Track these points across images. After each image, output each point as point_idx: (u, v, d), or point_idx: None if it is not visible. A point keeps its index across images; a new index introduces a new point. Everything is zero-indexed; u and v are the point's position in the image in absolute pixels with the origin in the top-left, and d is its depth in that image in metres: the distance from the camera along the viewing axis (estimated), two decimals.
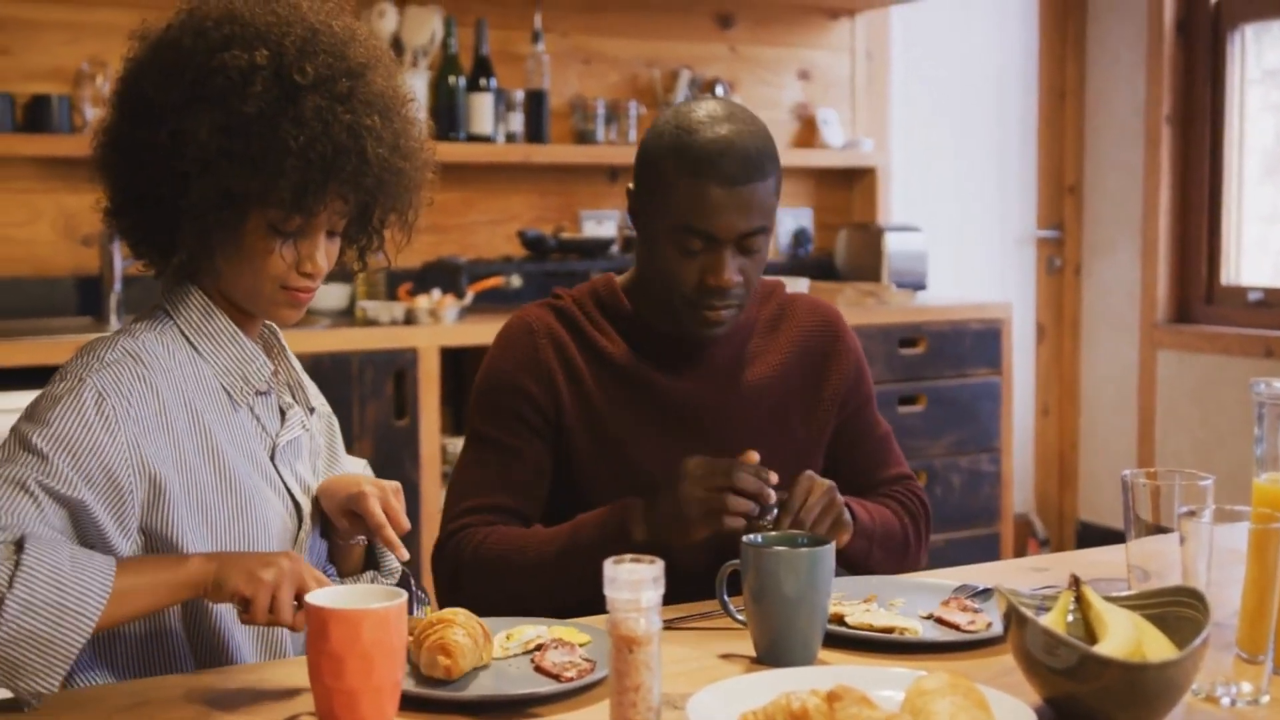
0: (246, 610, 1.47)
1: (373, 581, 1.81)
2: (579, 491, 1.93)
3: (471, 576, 1.87)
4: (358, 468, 1.95)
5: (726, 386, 1.98)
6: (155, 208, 1.59)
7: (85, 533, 1.49)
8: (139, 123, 1.58)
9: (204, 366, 1.63)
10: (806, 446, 2.02)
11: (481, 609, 1.58)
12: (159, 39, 1.61)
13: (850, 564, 1.93)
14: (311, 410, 1.81)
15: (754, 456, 1.77)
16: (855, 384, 2.07)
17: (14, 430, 1.50)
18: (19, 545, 1.39)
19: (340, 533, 1.76)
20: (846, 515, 1.82)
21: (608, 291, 2.01)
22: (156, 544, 1.56)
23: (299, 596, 1.45)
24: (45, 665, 1.38)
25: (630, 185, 1.95)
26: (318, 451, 1.84)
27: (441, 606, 1.85)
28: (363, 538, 1.78)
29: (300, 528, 1.71)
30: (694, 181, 1.83)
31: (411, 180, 1.69)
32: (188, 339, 1.64)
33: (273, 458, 1.70)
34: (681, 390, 1.96)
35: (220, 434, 1.61)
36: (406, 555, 1.68)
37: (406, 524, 1.68)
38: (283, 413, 1.74)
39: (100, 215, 1.67)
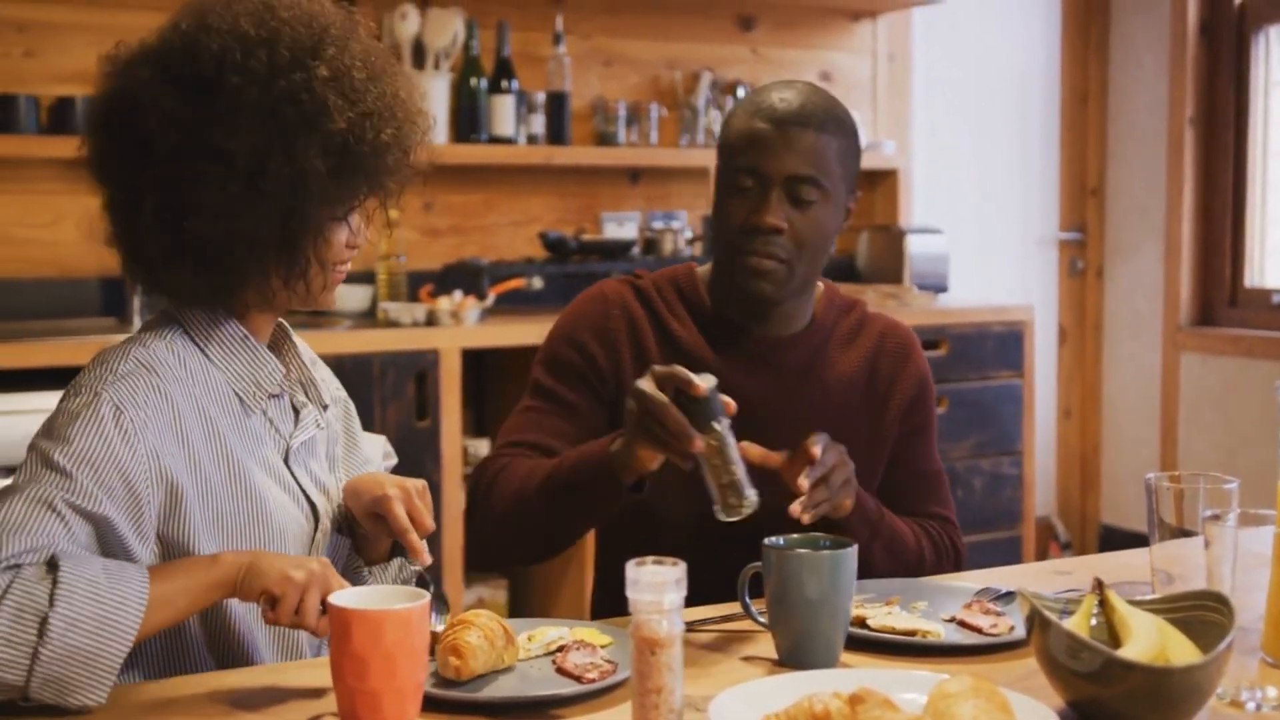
0: (273, 609, 1.48)
1: (400, 570, 1.81)
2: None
3: (485, 501, 1.90)
4: (377, 447, 1.95)
5: (794, 389, 1.99)
6: (231, 256, 1.57)
7: (109, 546, 1.49)
8: (201, 175, 1.53)
9: (215, 373, 1.63)
10: (868, 459, 2.00)
11: (496, 538, 1.59)
12: (178, 77, 1.55)
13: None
14: (325, 407, 1.80)
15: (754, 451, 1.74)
16: (915, 404, 2.05)
17: (34, 448, 1.50)
18: (52, 564, 1.40)
19: (366, 534, 1.76)
20: (854, 481, 1.83)
21: (688, 281, 2.04)
22: (172, 551, 1.56)
23: (324, 602, 1.46)
24: (92, 679, 1.39)
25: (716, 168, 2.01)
26: (335, 438, 1.84)
27: (468, 535, 1.86)
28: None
29: (316, 528, 1.72)
30: (749, 119, 1.93)
31: (419, 125, 1.69)
32: (198, 346, 1.63)
33: (287, 460, 1.70)
34: (747, 386, 1.94)
35: (233, 440, 1.61)
36: (429, 560, 1.68)
37: (430, 525, 1.69)
38: (296, 412, 1.73)
39: (134, 275, 1.63)
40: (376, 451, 1.96)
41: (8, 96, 3.54)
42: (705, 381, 1.62)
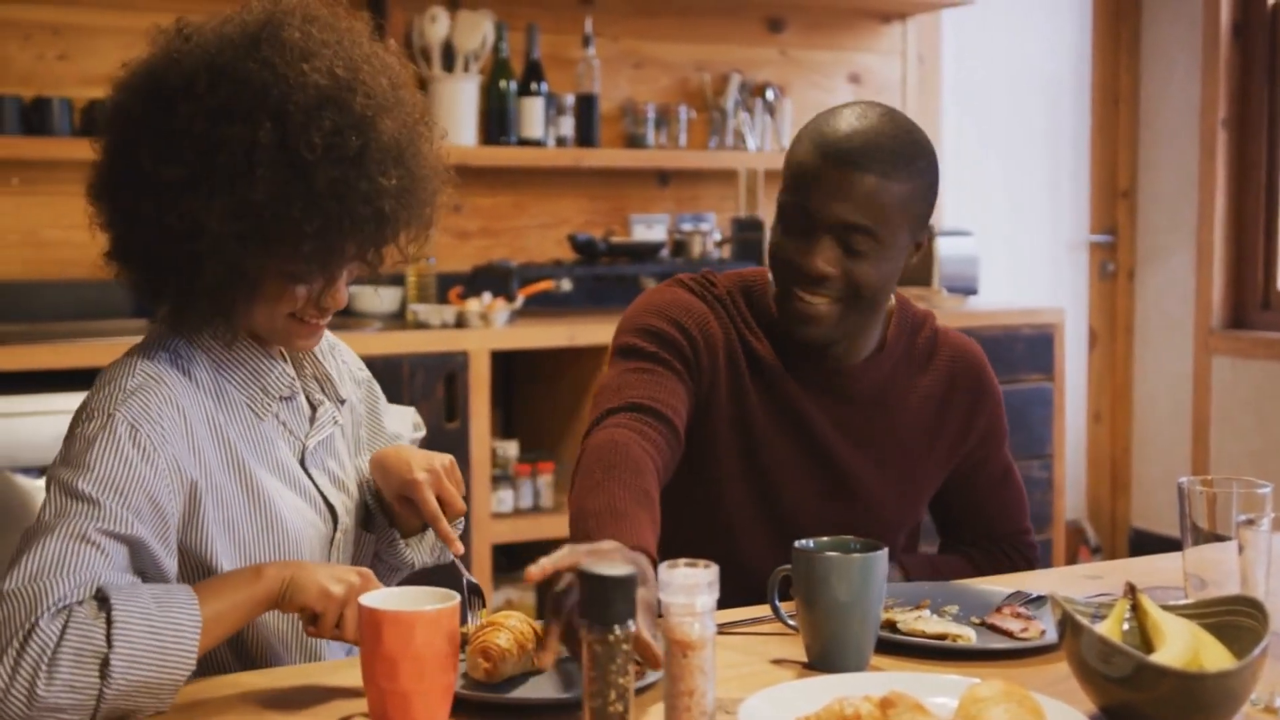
0: (313, 624, 1.48)
1: (435, 544, 1.81)
2: (707, 480, 1.88)
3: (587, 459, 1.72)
4: (406, 420, 1.92)
5: (863, 418, 1.93)
6: (162, 272, 1.55)
7: (143, 565, 1.47)
8: (139, 194, 1.51)
9: (222, 381, 1.61)
10: (923, 485, 1.99)
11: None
12: (147, 92, 1.52)
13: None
14: (342, 401, 1.79)
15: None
16: (990, 431, 2.01)
17: (55, 480, 1.47)
18: (102, 600, 1.38)
19: (398, 517, 1.76)
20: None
21: (760, 291, 1.93)
22: (189, 561, 1.55)
23: None
24: (157, 702, 1.39)
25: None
26: (359, 421, 1.84)
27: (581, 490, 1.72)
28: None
29: (335, 529, 1.71)
30: (811, 148, 1.78)
31: (427, 214, 1.65)
32: (202, 353, 1.61)
33: (303, 461, 1.69)
34: (816, 412, 1.90)
35: (244, 448, 1.60)
36: (460, 549, 1.68)
37: (461, 506, 1.68)
38: (313, 409, 1.72)
39: (103, 258, 1.63)
40: (406, 425, 1.94)
41: (42, 99, 3.57)
42: (615, 570, 1.20)
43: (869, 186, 1.75)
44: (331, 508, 1.71)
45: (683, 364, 1.85)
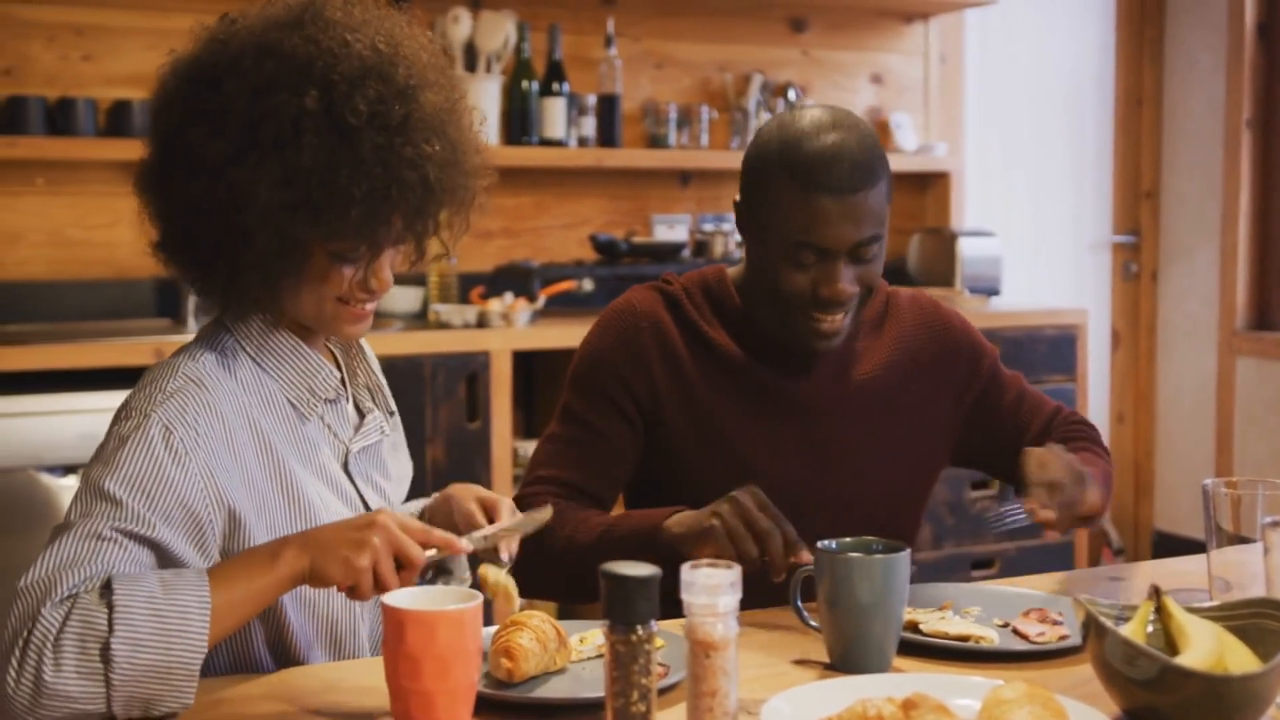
0: (352, 594, 1.46)
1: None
2: (681, 482, 1.94)
3: (529, 548, 1.81)
4: (405, 479, 1.90)
5: (834, 385, 1.97)
6: (213, 254, 1.56)
7: (170, 566, 1.46)
8: (190, 175, 1.53)
9: (269, 382, 1.61)
10: (920, 444, 2.01)
11: (532, 579, 1.57)
12: (194, 76, 1.56)
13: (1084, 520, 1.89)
14: (392, 413, 1.79)
15: (806, 558, 1.66)
16: (972, 368, 2.05)
17: (86, 477, 1.48)
18: (107, 587, 1.37)
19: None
20: (1092, 481, 1.79)
21: (718, 283, 2.00)
22: None
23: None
24: (172, 690, 1.37)
25: (736, 197, 1.94)
26: (398, 445, 1.83)
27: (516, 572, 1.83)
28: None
29: None
30: (804, 194, 1.81)
31: (470, 189, 1.65)
32: (249, 355, 1.61)
33: (346, 465, 1.68)
34: (788, 388, 1.95)
35: (286, 451, 1.60)
36: (468, 548, 1.64)
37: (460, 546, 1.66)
38: (361, 417, 1.72)
39: (153, 250, 1.63)
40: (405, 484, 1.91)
41: (66, 100, 3.58)
42: (637, 570, 1.22)
43: (870, 202, 1.82)
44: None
45: (611, 410, 1.94)
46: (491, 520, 1.66)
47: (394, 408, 1.81)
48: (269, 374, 1.62)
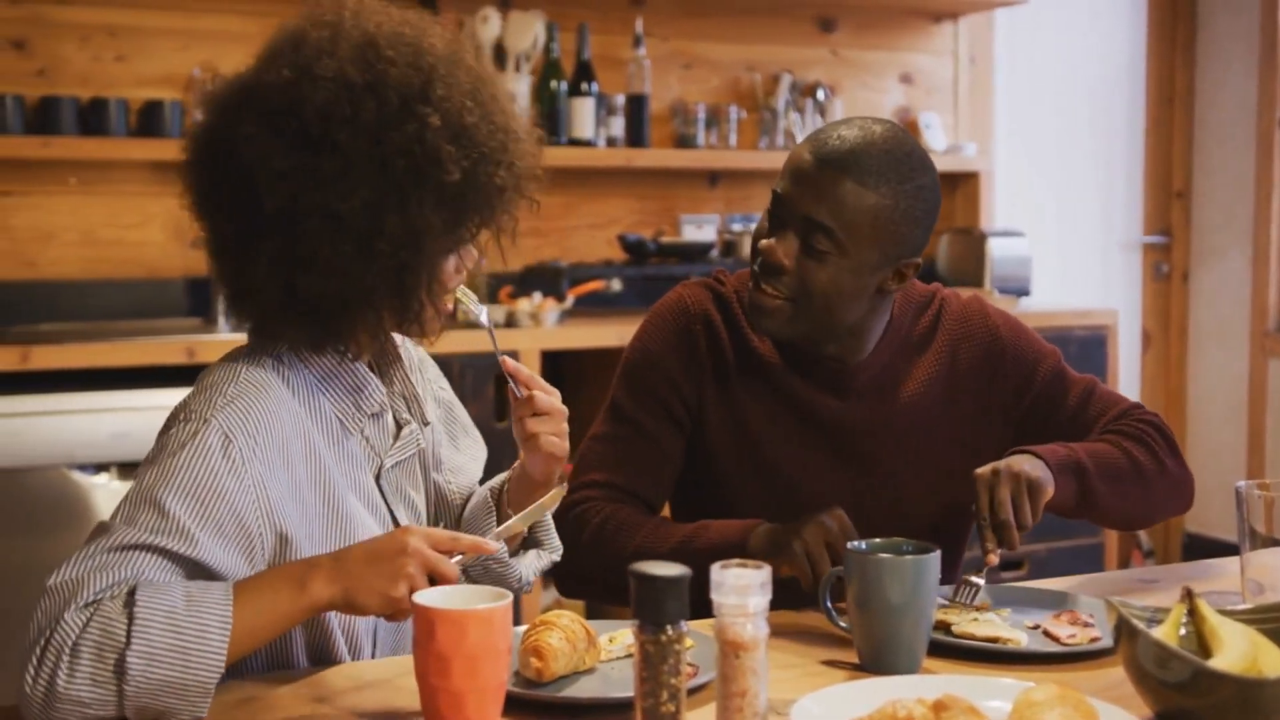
0: (390, 619, 1.46)
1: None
2: (718, 486, 1.93)
3: (588, 554, 1.86)
4: (479, 460, 1.91)
5: (877, 404, 1.93)
6: (342, 309, 1.53)
7: (212, 579, 1.44)
8: (333, 236, 1.48)
9: (319, 394, 1.59)
10: (966, 462, 1.92)
11: (593, 587, 1.57)
12: (291, 138, 1.48)
13: (1083, 511, 1.85)
14: (427, 424, 1.77)
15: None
16: (1026, 376, 1.97)
17: (140, 480, 1.45)
18: (131, 596, 1.36)
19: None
20: (1037, 475, 1.73)
21: None
22: None
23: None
24: (186, 704, 1.36)
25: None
26: (439, 440, 1.81)
27: (557, 573, 1.86)
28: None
29: None
30: (804, 146, 1.80)
31: (531, 147, 1.67)
32: (304, 365, 1.59)
33: (379, 478, 1.67)
34: (830, 405, 1.91)
35: (331, 464, 1.58)
36: (496, 548, 1.64)
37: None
38: (399, 428, 1.70)
39: (238, 309, 1.59)
40: (478, 464, 1.92)
41: (99, 100, 3.61)
42: (666, 571, 1.21)
43: (844, 190, 1.76)
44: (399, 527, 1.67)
45: (662, 411, 1.92)
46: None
47: (429, 419, 1.77)
48: (318, 387, 1.60)
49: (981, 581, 1.73)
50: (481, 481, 1.89)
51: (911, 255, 1.84)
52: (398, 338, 1.75)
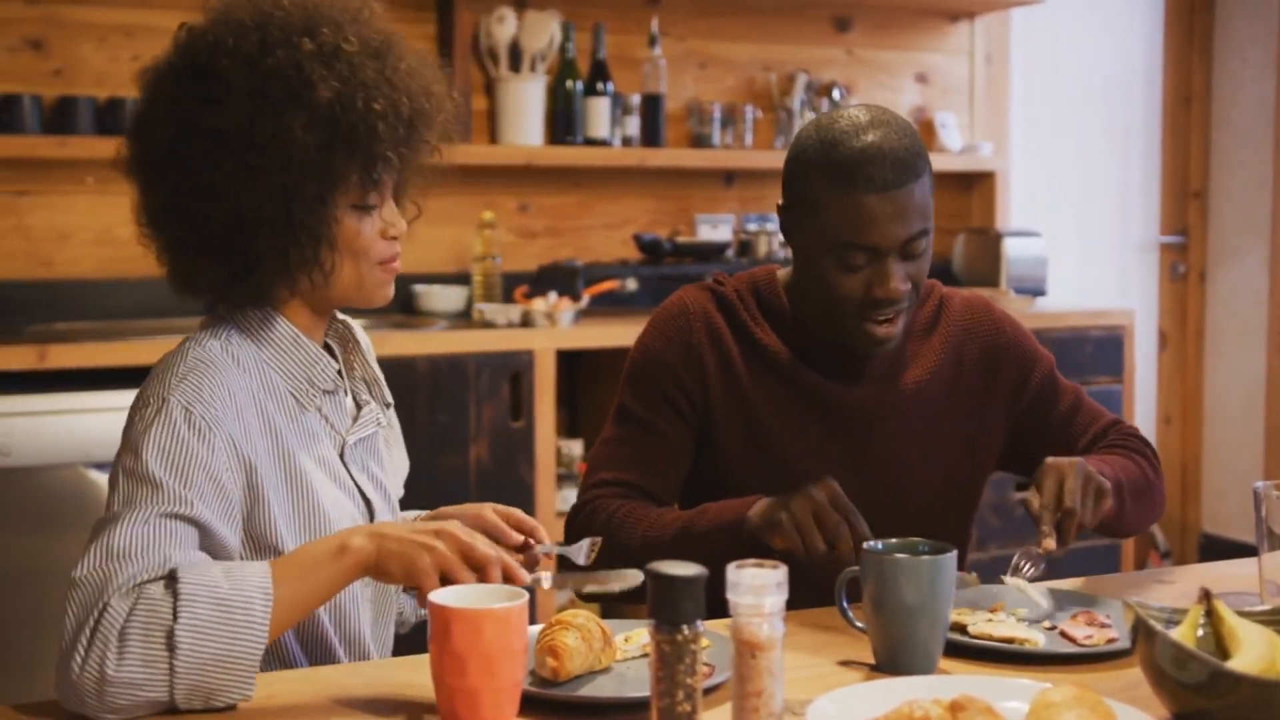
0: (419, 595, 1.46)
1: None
2: (725, 482, 1.93)
3: (606, 547, 1.86)
4: (401, 473, 1.91)
5: (884, 389, 1.96)
6: (256, 226, 1.59)
7: (211, 545, 1.49)
8: (214, 158, 1.57)
9: (270, 372, 1.64)
10: (969, 450, 2.00)
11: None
12: (185, 72, 1.62)
13: (1108, 528, 1.88)
14: (389, 405, 1.82)
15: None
16: (1024, 375, 2.01)
17: (118, 466, 1.51)
18: (172, 577, 1.39)
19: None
20: (1105, 483, 1.76)
21: (768, 286, 1.99)
22: (256, 545, 1.57)
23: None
24: (234, 680, 1.39)
25: (779, 202, 1.92)
26: (397, 441, 1.86)
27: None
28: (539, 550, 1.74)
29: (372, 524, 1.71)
30: (847, 195, 1.80)
31: (438, 88, 1.71)
32: (251, 344, 1.64)
33: (343, 457, 1.70)
34: (837, 392, 1.94)
35: (290, 438, 1.62)
36: (526, 579, 1.64)
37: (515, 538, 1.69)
38: (358, 409, 1.74)
39: (164, 265, 1.68)
40: (401, 477, 1.92)
41: (115, 100, 3.62)
42: (683, 570, 1.21)
43: (916, 195, 1.81)
44: (369, 503, 1.72)
45: (668, 408, 1.94)
46: (523, 532, 1.69)
47: (390, 399, 1.83)
48: (269, 364, 1.64)
49: (1042, 554, 1.73)
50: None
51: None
52: (359, 334, 1.79)
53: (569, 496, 3.80)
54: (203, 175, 1.57)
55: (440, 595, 1.38)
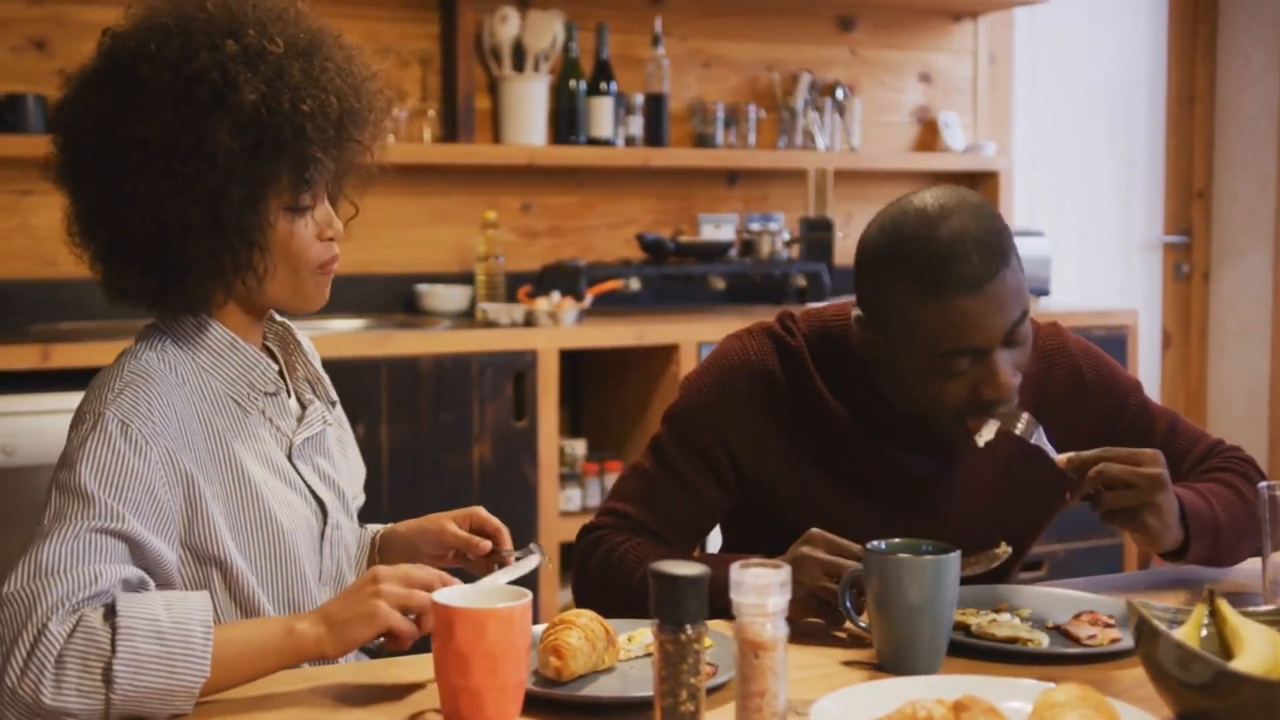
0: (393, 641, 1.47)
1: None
2: (780, 536, 1.79)
3: (591, 579, 1.86)
4: (359, 475, 1.92)
5: (954, 453, 1.83)
6: (186, 233, 1.56)
7: (144, 560, 1.48)
8: (138, 165, 1.54)
9: (209, 378, 1.62)
10: (1040, 511, 1.90)
11: (608, 609, 1.58)
12: (107, 77, 1.58)
13: (1200, 562, 1.79)
14: (334, 403, 1.81)
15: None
16: (1114, 413, 1.91)
17: (54, 483, 1.49)
18: (112, 608, 1.38)
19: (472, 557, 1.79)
20: (1169, 518, 1.64)
21: (840, 334, 1.84)
22: (197, 557, 1.56)
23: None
24: (173, 707, 1.39)
25: (856, 313, 1.78)
26: (346, 444, 1.86)
27: (576, 595, 1.88)
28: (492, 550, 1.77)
29: (326, 523, 1.71)
30: (939, 301, 1.64)
31: (379, 112, 1.70)
32: (187, 352, 1.62)
33: (291, 457, 1.69)
34: (901, 460, 1.83)
35: (235, 443, 1.61)
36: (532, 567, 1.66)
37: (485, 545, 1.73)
38: (303, 409, 1.74)
39: (97, 275, 1.65)
40: (359, 478, 1.93)
41: None
42: (686, 570, 1.22)
43: (1009, 281, 1.66)
44: (321, 503, 1.71)
45: (706, 467, 1.84)
46: (487, 536, 1.76)
47: (335, 397, 1.82)
48: (207, 370, 1.63)
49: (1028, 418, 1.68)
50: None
51: None
52: (299, 334, 1.79)
53: (572, 496, 3.80)
54: (127, 184, 1.55)
55: (444, 595, 1.38)
